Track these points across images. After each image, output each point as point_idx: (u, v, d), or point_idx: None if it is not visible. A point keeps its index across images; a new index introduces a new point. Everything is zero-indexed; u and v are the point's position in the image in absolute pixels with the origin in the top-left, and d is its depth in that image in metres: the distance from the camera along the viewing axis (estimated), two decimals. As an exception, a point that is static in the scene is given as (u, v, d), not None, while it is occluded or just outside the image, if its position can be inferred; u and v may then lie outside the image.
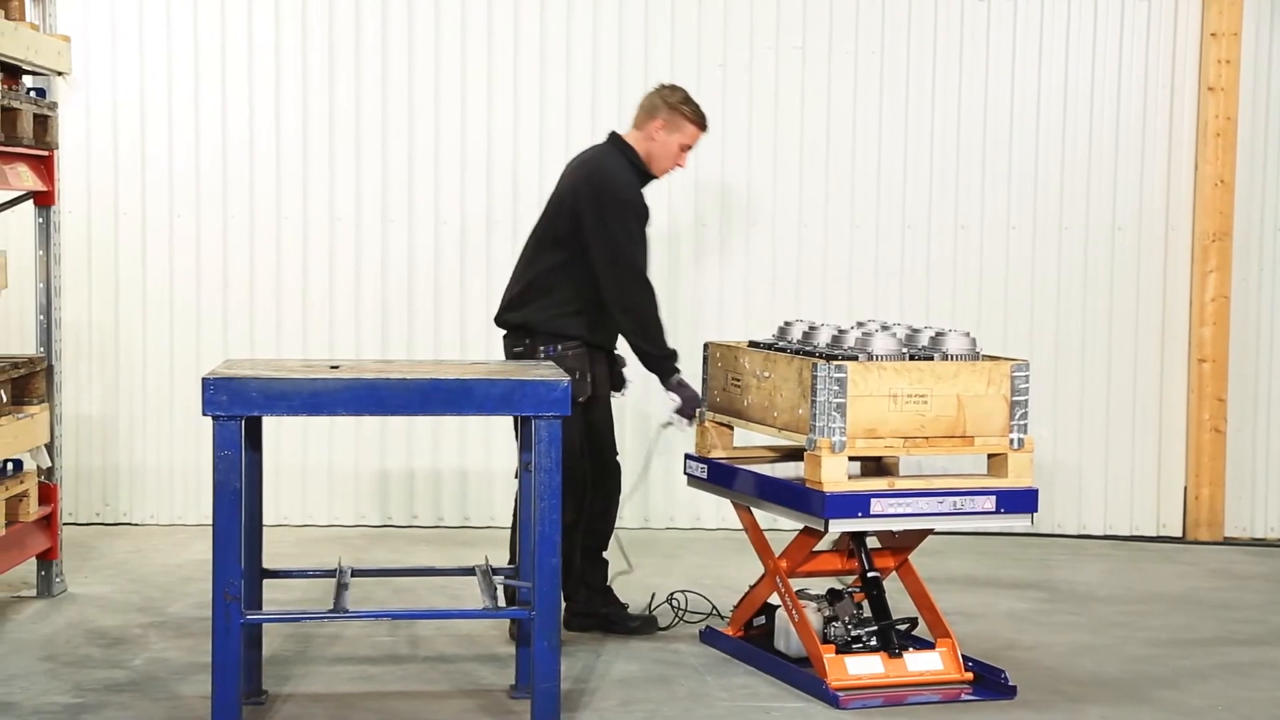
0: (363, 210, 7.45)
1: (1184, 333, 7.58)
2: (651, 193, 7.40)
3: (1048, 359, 7.50)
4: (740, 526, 7.33)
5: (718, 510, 7.47)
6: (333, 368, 4.57)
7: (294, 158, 7.41)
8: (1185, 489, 7.60)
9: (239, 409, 4.20)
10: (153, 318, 7.43)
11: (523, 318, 5.46)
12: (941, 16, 7.50)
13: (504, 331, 5.55)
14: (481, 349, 7.42)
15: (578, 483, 5.37)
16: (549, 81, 7.44)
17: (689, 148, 5.52)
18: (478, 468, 7.51)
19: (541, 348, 5.40)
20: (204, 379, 4.20)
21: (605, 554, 5.64)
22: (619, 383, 5.64)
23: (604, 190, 5.36)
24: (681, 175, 7.44)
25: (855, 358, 4.86)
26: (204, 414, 4.19)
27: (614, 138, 5.57)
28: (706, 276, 7.53)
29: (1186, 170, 7.55)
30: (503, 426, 7.44)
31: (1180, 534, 7.60)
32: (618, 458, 5.64)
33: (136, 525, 7.43)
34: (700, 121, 5.49)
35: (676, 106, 5.46)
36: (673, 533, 7.51)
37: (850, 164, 7.53)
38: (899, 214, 7.56)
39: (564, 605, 5.23)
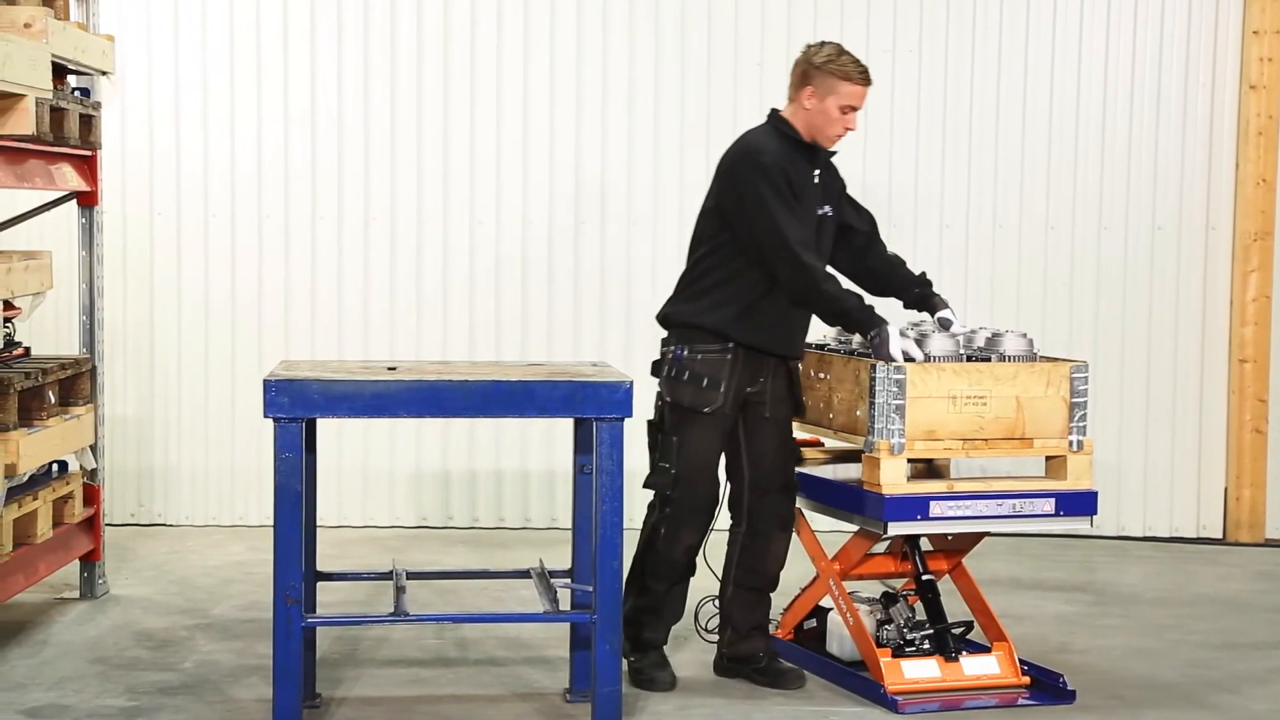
0: (397, 210, 7.42)
1: (1224, 333, 7.53)
2: (684, 192, 7.44)
3: (1087, 359, 7.42)
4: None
5: (754, 511, 7.42)
6: (390, 369, 4.54)
7: (329, 157, 7.38)
8: (1225, 490, 7.55)
9: (300, 411, 4.17)
10: (188, 318, 7.40)
11: (664, 312, 5.00)
12: (980, 15, 7.46)
13: None
14: (516, 350, 7.39)
15: (699, 503, 4.92)
16: (585, 79, 7.40)
17: (852, 108, 4.88)
18: (513, 469, 7.48)
19: (672, 348, 4.91)
20: (265, 381, 4.17)
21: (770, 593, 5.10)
22: (798, 404, 5.06)
23: (738, 162, 4.85)
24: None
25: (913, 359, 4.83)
26: (265, 416, 4.17)
27: (771, 115, 5.01)
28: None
29: (1227, 169, 7.50)
30: (538, 427, 7.41)
31: (1220, 535, 7.55)
32: (777, 494, 5.00)
33: (171, 526, 7.41)
34: (854, 77, 4.84)
35: (823, 66, 4.84)
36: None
37: (887, 163, 7.49)
38: (936, 214, 7.52)
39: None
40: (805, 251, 4.78)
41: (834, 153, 5.04)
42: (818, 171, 4.97)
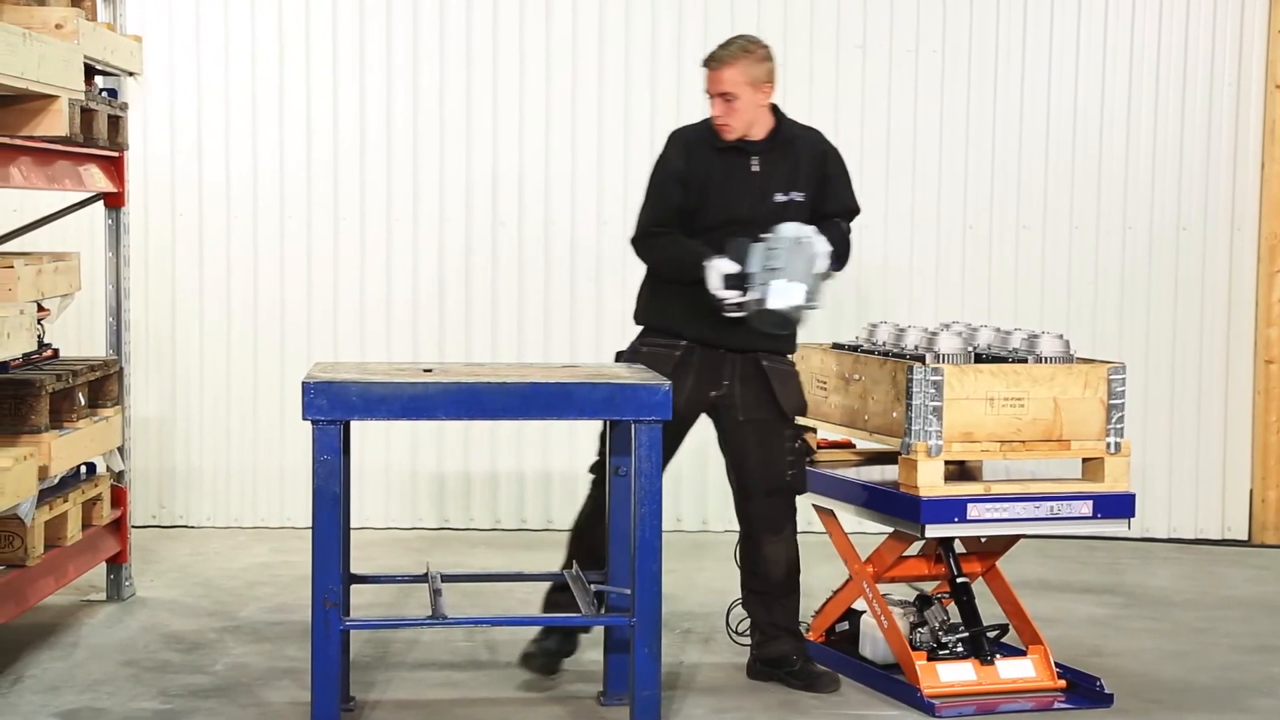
0: (420, 211, 7.39)
1: (1250, 334, 7.50)
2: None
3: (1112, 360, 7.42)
4: (799, 529, 7.38)
5: (777, 513, 7.39)
6: (425, 370, 4.52)
7: (351, 157, 7.36)
8: (1251, 492, 7.53)
9: (339, 413, 4.15)
10: (209, 319, 7.38)
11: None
12: (1004, 14, 7.43)
13: None
14: (539, 351, 7.37)
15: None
16: (607, 82, 7.38)
17: (710, 94, 4.94)
18: (535, 470, 7.46)
19: (630, 345, 5.01)
20: (304, 383, 4.15)
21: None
22: (784, 405, 4.94)
23: None
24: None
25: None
26: (304, 418, 4.15)
27: None
28: (767, 277, 7.46)
29: (1253, 169, 7.47)
30: (560, 428, 7.38)
31: (1246, 537, 7.52)
32: (764, 497, 4.99)
33: (193, 528, 7.38)
34: (704, 62, 4.98)
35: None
36: (729, 536, 7.44)
37: (911, 164, 7.47)
38: (960, 214, 7.49)
39: None
40: (646, 232, 4.93)
41: (803, 136, 5.00)
42: (755, 158, 4.93)
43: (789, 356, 5.04)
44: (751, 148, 4.96)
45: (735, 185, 4.93)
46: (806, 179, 5.01)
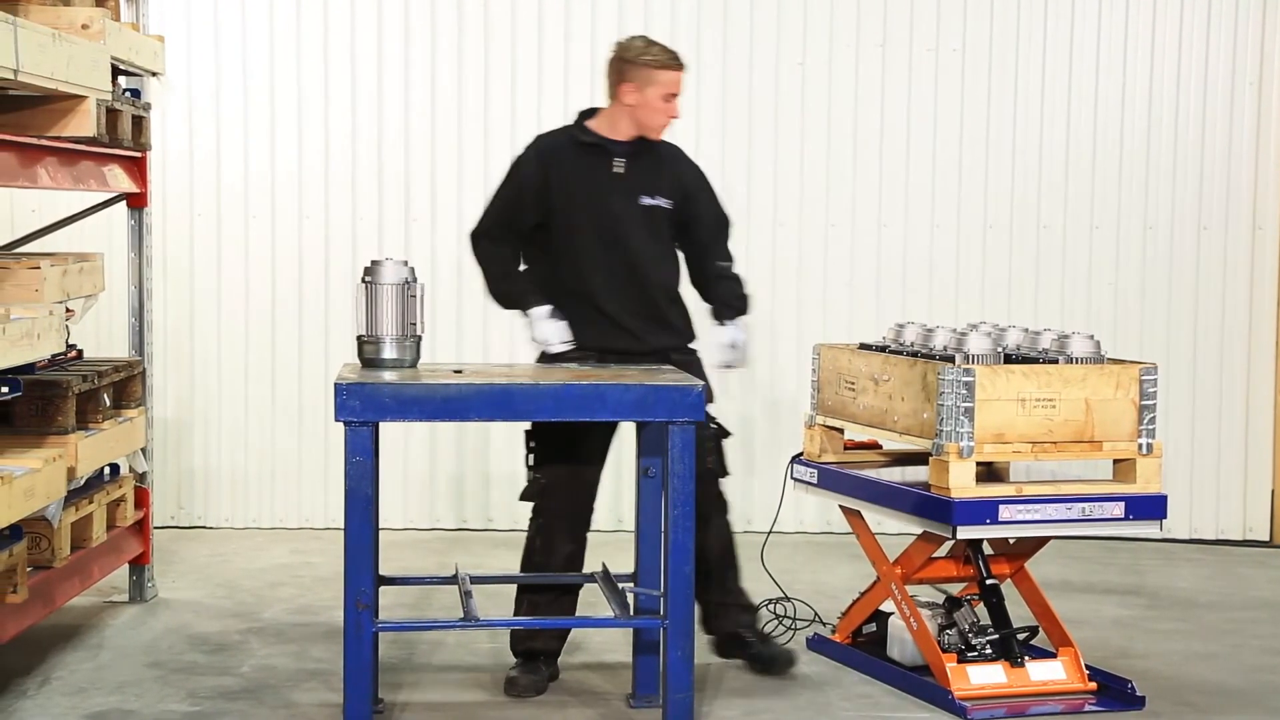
0: (438, 212, 7.38)
1: (1271, 333, 7.48)
2: (725, 193, 7.38)
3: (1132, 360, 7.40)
4: (818, 530, 7.39)
5: (795, 513, 7.38)
6: (456, 371, 4.51)
7: (369, 157, 7.34)
8: (1273, 492, 7.50)
9: (371, 414, 4.13)
10: (227, 319, 7.36)
11: None
12: (1024, 13, 7.41)
13: None
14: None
15: (568, 510, 4.95)
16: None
17: (673, 95, 4.94)
18: (554, 470, 7.43)
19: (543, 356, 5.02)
20: (336, 384, 4.14)
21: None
22: None
23: None
24: (761, 177, 7.44)
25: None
26: (336, 419, 4.14)
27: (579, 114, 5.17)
28: (783, 277, 7.45)
29: (1274, 168, 7.44)
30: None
31: (1268, 538, 7.49)
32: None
33: (212, 529, 7.37)
34: (667, 64, 4.93)
35: (636, 61, 4.92)
36: (749, 536, 7.42)
37: (931, 164, 7.45)
38: (981, 214, 7.47)
39: None
40: (482, 238, 5.09)
41: (665, 145, 5.04)
42: (620, 161, 4.97)
43: (690, 345, 5.07)
44: (617, 149, 4.99)
45: (596, 188, 4.95)
46: (675, 188, 5.07)
